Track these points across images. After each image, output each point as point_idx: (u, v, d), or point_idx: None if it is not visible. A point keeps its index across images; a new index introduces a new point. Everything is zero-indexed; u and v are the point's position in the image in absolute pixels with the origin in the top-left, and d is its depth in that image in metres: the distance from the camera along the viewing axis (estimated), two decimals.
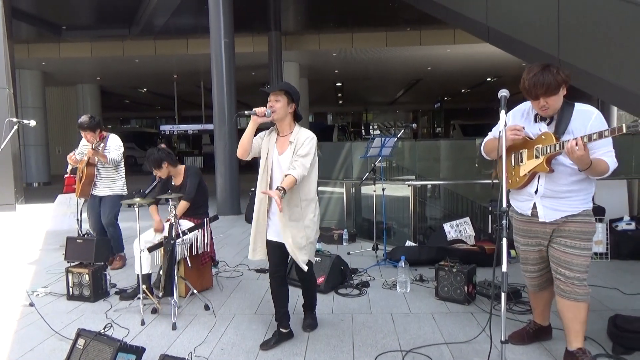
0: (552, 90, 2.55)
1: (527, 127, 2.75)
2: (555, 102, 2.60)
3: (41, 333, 3.46)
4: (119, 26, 14.96)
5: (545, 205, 2.72)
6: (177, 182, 4.45)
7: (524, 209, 2.84)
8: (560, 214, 2.70)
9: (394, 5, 12.09)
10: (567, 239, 2.71)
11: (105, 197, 5.17)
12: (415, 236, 6.08)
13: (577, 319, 2.73)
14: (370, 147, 5.51)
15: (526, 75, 2.61)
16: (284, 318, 3.30)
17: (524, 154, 2.77)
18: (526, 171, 2.74)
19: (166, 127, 27.91)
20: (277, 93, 3.14)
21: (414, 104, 36.87)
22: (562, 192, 2.68)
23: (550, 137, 2.63)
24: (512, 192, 2.91)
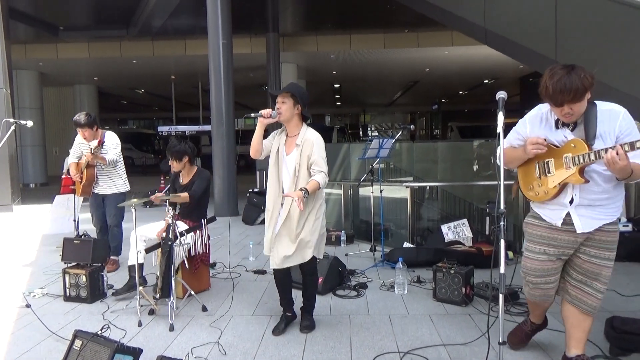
0: (580, 95, 2.32)
1: (548, 134, 2.54)
2: (580, 108, 2.38)
3: (38, 334, 3.45)
4: (117, 27, 14.94)
5: (581, 214, 2.51)
6: (184, 180, 4.42)
7: (555, 218, 2.59)
8: (598, 222, 2.52)
9: (391, 7, 12.10)
10: (598, 250, 2.57)
11: (108, 196, 5.12)
12: (413, 238, 6.09)
13: (580, 326, 2.67)
14: (368, 149, 5.51)
15: (549, 79, 2.35)
16: (289, 303, 3.50)
17: (551, 163, 2.54)
18: (556, 183, 2.51)
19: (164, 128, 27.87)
20: (284, 95, 3.21)
21: (411, 106, 36.94)
22: (598, 200, 2.49)
23: (582, 145, 2.40)
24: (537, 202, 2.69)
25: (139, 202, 3.86)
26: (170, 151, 4.28)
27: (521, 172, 2.74)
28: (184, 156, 4.29)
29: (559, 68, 2.36)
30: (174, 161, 4.29)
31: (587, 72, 2.34)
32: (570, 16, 4.50)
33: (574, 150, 2.44)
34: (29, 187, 17.33)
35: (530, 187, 2.66)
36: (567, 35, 4.52)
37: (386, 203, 6.31)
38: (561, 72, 2.33)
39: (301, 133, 3.27)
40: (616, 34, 3.93)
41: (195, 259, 4.29)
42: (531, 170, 2.65)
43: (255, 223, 8.27)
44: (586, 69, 2.36)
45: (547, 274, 2.65)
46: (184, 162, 4.32)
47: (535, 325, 3.03)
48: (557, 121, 2.52)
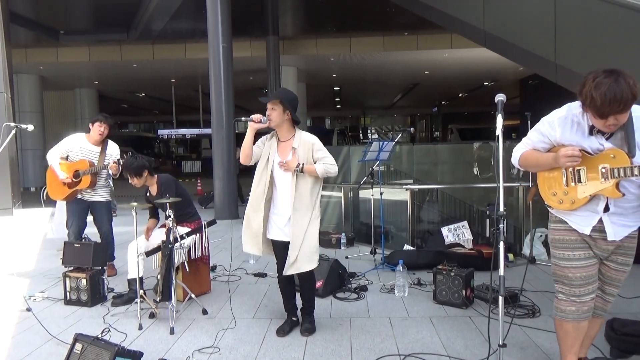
0: (630, 106, 2.11)
1: (581, 140, 2.32)
2: (625, 117, 2.16)
3: (38, 338, 3.45)
4: (117, 31, 14.98)
5: (614, 222, 2.35)
6: (153, 191, 4.34)
7: (583, 224, 2.39)
8: (628, 229, 2.38)
9: (391, 10, 12.14)
10: (625, 257, 2.46)
11: (97, 203, 5.01)
12: (413, 240, 6.09)
13: (589, 333, 2.60)
14: (368, 151, 5.52)
15: (594, 90, 2.10)
16: (293, 309, 3.56)
17: (583, 172, 2.33)
18: (588, 193, 2.32)
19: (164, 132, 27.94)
20: (273, 102, 3.25)
21: (411, 108, 36.96)
22: (631, 207, 2.35)
23: (624, 157, 2.21)
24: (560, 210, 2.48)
25: (140, 206, 3.87)
26: (129, 169, 4.19)
27: (543, 178, 2.52)
28: (143, 171, 4.21)
29: (603, 76, 2.12)
30: (134, 178, 4.20)
31: (632, 77, 2.12)
32: (569, 18, 4.51)
33: (613, 161, 2.23)
34: (30, 191, 17.35)
35: (553, 193, 2.45)
36: (567, 38, 4.53)
37: (386, 205, 6.32)
38: (607, 80, 2.10)
39: (296, 137, 3.32)
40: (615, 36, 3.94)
41: (197, 261, 4.29)
42: (557, 176, 2.44)
43: None
44: (629, 73, 2.14)
45: (592, 281, 2.44)
46: (145, 176, 4.24)
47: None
48: (592, 127, 2.28)
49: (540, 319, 3.58)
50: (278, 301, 4.14)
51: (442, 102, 32.58)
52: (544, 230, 5.53)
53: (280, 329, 3.46)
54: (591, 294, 2.44)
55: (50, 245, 6.74)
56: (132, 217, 3.78)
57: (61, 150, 4.94)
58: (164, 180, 4.32)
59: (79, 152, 4.90)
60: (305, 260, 3.28)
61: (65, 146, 4.94)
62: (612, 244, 2.38)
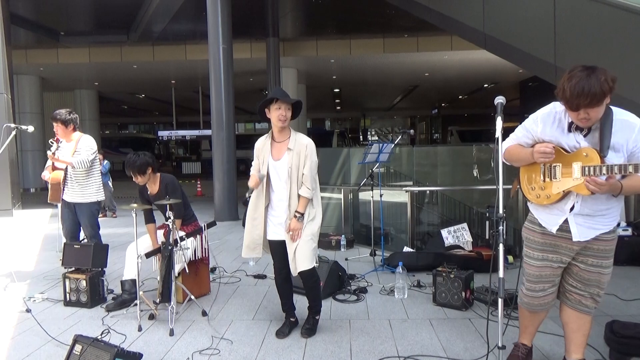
0: (598, 100, 2.18)
1: (560, 137, 2.42)
2: (597, 113, 2.24)
3: (38, 339, 3.45)
4: (117, 32, 15.01)
5: (579, 223, 2.44)
6: (152, 190, 4.24)
7: (551, 223, 2.52)
8: (594, 232, 2.45)
9: (391, 12, 12.16)
10: (596, 259, 2.51)
11: (80, 205, 4.60)
12: (413, 242, 6.09)
13: (580, 330, 2.66)
14: (367, 153, 5.52)
15: (567, 81, 2.22)
16: (291, 309, 3.55)
17: (558, 169, 2.43)
18: (561, 190, 2.42)
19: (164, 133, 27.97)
20: (288, 104, 3.28)
21: (411, 110, 37.00)
22: (599, 210, 2.42)
23: (595, 156, 2.28)
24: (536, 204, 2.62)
25: (140, 207, 3.87)
26: (133, 167, 4.03)
27: (524, 172, 2.64)
28: (147, 168, 4.07)
29: (579, 70, 2.22)
30: (138, 176, 4.07)
31: (609, 75, 2.20)
32: (569, 21, 4.52)
33: (586, 160, 2.32)
34: (29, 192, 17.37)
35: (532, 187, 2.58)
36: (566, 40, 4.54)
37: (386, 207, 6.32)
38: (580, 74, 2.19)
39: (292, 137, 3.31)
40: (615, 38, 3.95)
41: (196, 263, 4.29)
42: (536, 171, 2.55)
43: None
44: (608, 72, 2.22)
45: (546, 280, 2.62)
46: (148, 173, 4.11)
47: (527, 348, 2.87)
48: (571, 124, 2.37)
49: None
50: (277, 303, 4.13)
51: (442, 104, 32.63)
52: None
53: (280, 331, 3.46)
54: (543, 292, 2.63)
55: (50, 246, 6.74)
56: (132, 218, 3.78)
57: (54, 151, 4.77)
58: (169, 180, 4.24)
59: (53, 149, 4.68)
60: (302, 259, 3.26)
61: (54, 148, 4.75)
62: (577, 244, 2.48)
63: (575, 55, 4.46)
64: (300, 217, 3.24)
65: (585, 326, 2.66)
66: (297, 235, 3.26)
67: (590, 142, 2.35)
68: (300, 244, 3.27)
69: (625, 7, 3.76)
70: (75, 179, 4.58)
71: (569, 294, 2.65)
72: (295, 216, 3.24)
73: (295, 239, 3.26)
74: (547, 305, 2.68)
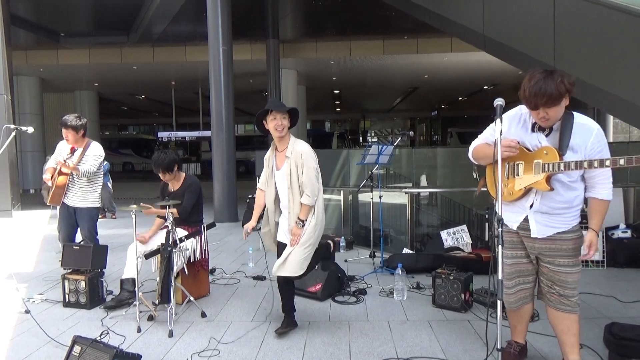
0: (554, 100, 2.36)
1: (523, 136, 2.59)
2: (556, 113, 2.42)
3: (37, 340, 3.44)
4: (117, 33, 15.01)
5: (538, 220, 2.60)
6: (174, 187, 4.39)
7: (512, 221, 2.69)
8: (552, 230, 2.60)
9: (391, 14, 12.17)
10: (561, 259, 2.62)
11: (81, 210, 4.65)
12: (413, 244, 6.09)
13: (570, 331, 2.68)
14: (367, 154, 5.53)
15: (527, 82, 2.42)
16: (291, 310, 3.58)
17: (521, 166, 2.59)
18: (522, 186, 2.58)
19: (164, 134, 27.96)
20: (285, 113, 3.33)
21: (411, 112, 37.03)
22: (557, 209, 2.57)
23: (554, 154, 2.45)
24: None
25: (139, 208, 3.87)
26: (162, 165, 4.16)
27: (490, 170, 2.79)
28: (174, 165, 4.24)
29: (538, 72, 2.39)
30: (166, 173, 4.20)
31: (567, 77, 2.37)
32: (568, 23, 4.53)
33: (546, 157, 2.48)
34: (29, 193, 17.35)
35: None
36: (566, 42, 4.55)
37: (385, 209, 6.32)
38: (539, 75, 2.37)
39: (289, 146, 3.36)
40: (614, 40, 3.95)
41: (196, 264, 4.29)
42: (502, 170, 2.64)
43: (255, 229, 8.26)
44: (566, 75, 2.38)
45: (519, 275, 2.74)
46: (175, 171, 4.28)
47: (520, 346, 2.95)
48: (534, 125, 2.56)
49: (538, 323, 3.58)
50: (277, 304, 4.14)
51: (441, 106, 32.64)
52: None
53: (280, 329, 3.49)
54: (516, 287, 2.76)
55: (50, 247, 6.74)
56: (132, 220, 3.78)
57: (55, 156, 4.81)
58: (193, 181, 4.38)
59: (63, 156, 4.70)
60: (290, 264, 3.30)
61: (56, 151, 4.82)
62: (537, 241, 2.62)
63: (575, 57, 4.47)
64: (300, 223, 3.30)
65: (574, 326, 2.67)
66: (296, 241, 3.30)
67: (551, 142, 2.51)
68: (294, 250, 3.30)
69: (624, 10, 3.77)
70: (78, 185, 4.64)
71: (549, 295, 2.71)
72: (296, 222, 3.30)
73: (294, 244, 3.30)
74: (523, 300, 2.79)
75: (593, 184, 2.55)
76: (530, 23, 5.16)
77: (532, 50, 5.09)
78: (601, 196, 2.54)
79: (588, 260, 5.16)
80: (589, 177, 2.54)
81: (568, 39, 4.53)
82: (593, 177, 2.53)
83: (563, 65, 4.51)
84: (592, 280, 4.69)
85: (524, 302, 2.80)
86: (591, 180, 2.54)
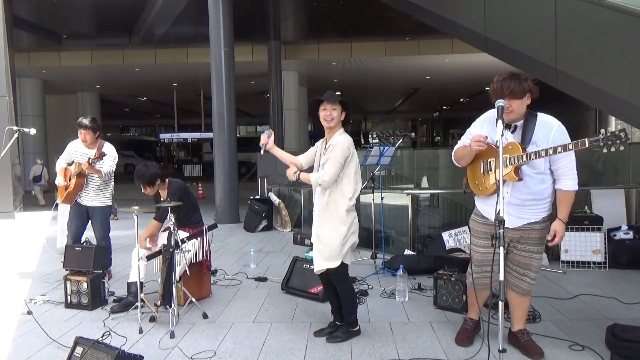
0: (516, 94, 2.74)
1: (492, 135, 2.83)
2: (518, 107, 2.79)
3: (39, 341, 3.45)
4: (119, 35, 15.07)
5: (509, 212, 2.83)
6: (163, 195, 4.29)
7: (489, 213, 2.98)
8: (523, 221, 2.89)
9: (392, 16, 12.18)
10: (529, 245, 2.95)
11: (94, 209, 4.86)
12: (414, 245, 6.08)
13: (521, 307, 3.11)
14: (368, 156, 5.53)
15: (496, 78, 2.82)
16: (337, 313, 3.50)
17: (492, 162, 2.91)
18: (495, 180, 2.87)
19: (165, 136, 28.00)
20: (337, 103, 3.32)
21: (412, 113, 37.03)
22: (526, 200, 2.85)
23: (517, 147, 2.76)
24: (480, 197, 3.09)
25: (141, 209, 3.87)
26: (143, 180, 4.10)
27: (469, 170, 3.13)
28: (155, 179, 4.13)
29: (506, 72, 2.83)
30: (147, 187, 4.13)
31: (530, 79, 2.80)
32: (570, 24, 4.53)
33: (511, 151, 2.77)
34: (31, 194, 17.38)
35: (475, 182, 3.07)
36: (567, 43, 4.54)
37: (387, 210, 6.32)
38: (506, 75, 2.81)
39: (334, 138, 3.35)
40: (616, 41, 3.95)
41: (202, 265, 4.29)
42: (477, 167, 3.05)
43: (256, 230, 8.28)
44: (530, 78, 2.82)
45: (487, 264, 2.99)
46: (157, 184, 4.17)
47: (474, 322, 3.34)
48: None
49: (540, 324, 3.57)
50: (278, 305, 4.15)
51: (443, 107, 32.62)
52: None
53: (318, 330, 3.51)
54: (485, 273, 3.06)
55: (52, 249, 6.75)
56: (133, 221, 3.79)
57: (65, 156, 4.95)
58: (173, 185, 4.29)
59: (78, 157, 4.87)
60: (321, 259, 3.29)
61: (67, 152, 4.94)
62: (509, 231, 2.88)
63: (576, 58, 4.46)
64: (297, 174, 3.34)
65: (525, 304, 3.13)
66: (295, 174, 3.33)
67: (516, 138, 2.84)
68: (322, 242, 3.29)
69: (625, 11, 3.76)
70: (91, 184, 4.83)
71: (510, 279, 3.06)
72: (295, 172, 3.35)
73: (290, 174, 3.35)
74: (489, 284, 3.04)
75: (558, 176, 2.84)
76: (531, 24, 5.16)
77: (533, 51, 5.09)
78: (566, 187, 2.83)
79: (590, 262, 5.16)
80: (555, 170, 2.83)
81: (569, 40, 4.53)
82: (557, 169, 2.81)
83: (564, 66, 4.51)
84: (594, 282, 4.68)
85: (487, 286, 3.09)
86: (556, 172, 2.83)
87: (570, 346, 3.15)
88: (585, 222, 5.26)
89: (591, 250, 5.19)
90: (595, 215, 5.34)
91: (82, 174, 4.75)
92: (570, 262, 5.22)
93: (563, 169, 2.80)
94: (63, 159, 4.97)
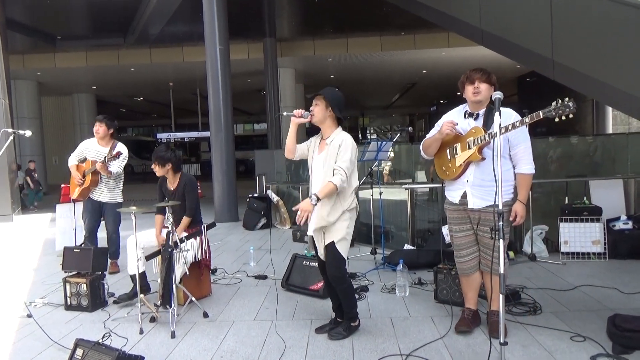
0: (485, 78, 3.11)
1: (460, 123, 3.19)
2: (486, 90, 3.10)
3: (39, 344, 3.44)
4: (114, 35, 15.00)
5: (474, 194, 3.14)
6: (171, 186, 4.39)
7: (455, 197, 3.26)
8: (485, 202, 3.11)
9: (388, 10, 12.15)
10: (486, 227, 3.12)
11: (107, 204, 5.23)
12: (414, 239, 6.08)
13: (494, 288, 3.20)
14: (366, 151, 5.51)
15: (469, 70, 3.22)
16: (338, 310, 3.50)
17: (458, 147, 3.19)
18: (461, 162, 3.15)
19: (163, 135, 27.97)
20: (318, 97, 3.30)
21: (410, 108, 36.98)
22: (488, 180, 3.05)
23: (480, 130, 3.06)
24: (446, 183, 3.34)
25: (139, 210, 3.86)
26: (156, 155, 4.29)
27: (437, 158, 3.37)
28: (167, 163, 4.28)
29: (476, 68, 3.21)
30: (157, 166, 4.29)
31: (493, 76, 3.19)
32: (566, 15, 4.51)
33: (474, 134, 3.09)
34: None
35: (443, 168, 3.32)
36: (564, 35, 4.53)
37: (386, 205, 6.31)
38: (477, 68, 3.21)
39: (332, 134, 3.31)
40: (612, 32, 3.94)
41: (200, 264, 4.29)
42: (444, 154, 3.30)
43: (255, 228, 8.27)
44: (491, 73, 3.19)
45: (467, 246, 3.29)
46: (167, 169, 4.31)
47: (471, 311, 3.41)
48: (466, 112, 3.24)
49: (541, 316, 3.57)
50: (279, 303, 4.14)
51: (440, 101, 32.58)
52: (544, 227, 5.54)
53: (320, 327, 3.50)
54: (468, 256, 3.30)
55: (51, 251, 6.74)
56: (132, 222, 3.77)
57: (77, 153, 5.30)
58: (188, 179, 4.39)
59: (91, 154, 5.22)
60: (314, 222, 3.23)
61: (80, 149, 5.30)
62: (474, 212, 3.17)
63: (573, 50, 4.45)
64: (314, 198, 3.09)
65: (496, 285, 3.12)
66: (303, 217, 3.10)
67: (478, 124, 3.13)
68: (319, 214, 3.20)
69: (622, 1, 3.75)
70: (104, 182, 5.20)
71: (482, 260, 3.28)
72: (310, 197, 3.12)
73: (300, 220, 3.11)
74: (472, 268, 3.32)
75: (517, 161, 3.11)
76: (527, 16, 5.15)
77: (530, 43, 5.08)
78: (523, 170, 3.11)
79: (590, 253, 5.17)
80: (513, 155, 3.11)
81: (566, 31, 4.52)
82: (516, 154, 3.09)
83: (561, 58, 4.49)
84: (594, 272, 4.68)
85: (474, 269, 3.32)
86: (515, 158, 3.11)
87: (571, 337, 3.15)
88: (585, 213, 5.26)
89: (591, 241, 5.20)
90: (594, 206, 5.34)
91: (96, 172, 5.10)
92: (570, 253, 5.23)
93: (521, 154, 3.08)
94: (75, 156, 5.31)
